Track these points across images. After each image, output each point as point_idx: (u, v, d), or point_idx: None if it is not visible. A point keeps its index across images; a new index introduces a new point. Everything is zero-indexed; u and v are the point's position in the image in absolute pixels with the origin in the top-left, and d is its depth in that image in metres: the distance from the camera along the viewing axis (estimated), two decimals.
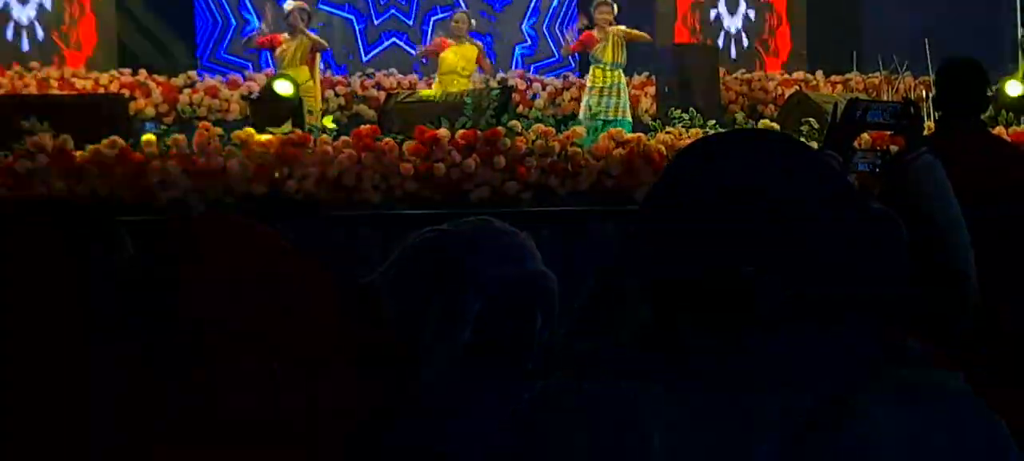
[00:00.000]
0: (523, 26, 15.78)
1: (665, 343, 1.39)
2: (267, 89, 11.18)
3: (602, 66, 12.27)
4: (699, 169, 1.43)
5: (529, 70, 15.43)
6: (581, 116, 12.18)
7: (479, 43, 12.99)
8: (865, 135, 7.39)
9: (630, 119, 12.35)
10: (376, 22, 15.19)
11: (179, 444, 1.55)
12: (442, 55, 12.67)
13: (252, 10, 14.55)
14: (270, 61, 12.94)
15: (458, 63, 12.48)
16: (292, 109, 10.87)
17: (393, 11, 15.18)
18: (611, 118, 12.01)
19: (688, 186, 1.42)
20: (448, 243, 2.14)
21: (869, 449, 1.26)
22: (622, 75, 12.47)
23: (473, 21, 13.25)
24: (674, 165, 1.49)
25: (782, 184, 1.38)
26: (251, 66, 14.26)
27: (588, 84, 12.46)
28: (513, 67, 15.51)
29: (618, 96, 12.26)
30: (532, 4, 15.77)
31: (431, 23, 15.11)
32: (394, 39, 15.04)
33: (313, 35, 12.40)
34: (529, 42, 15.78)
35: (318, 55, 12.52)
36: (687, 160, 1.48)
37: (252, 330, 1.53)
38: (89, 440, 1.51)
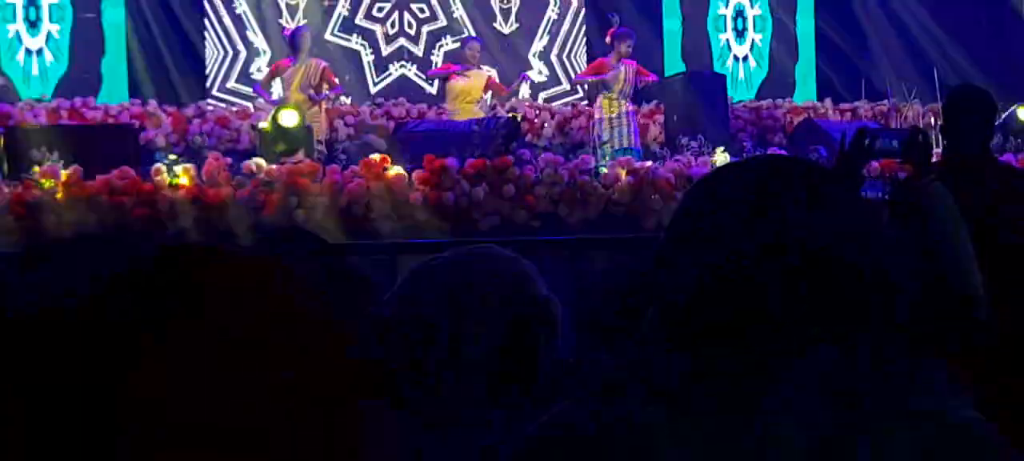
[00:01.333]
0: (530, 55, 15.80)
1: (681, 368, 1.38)
2: (274, 119, 11.21)
3: (611, 97, 12.20)
4: (721, 194, 1.44)
5: (537, 98, 15.44)
6: (594, 146, 12.11)
7: (491, 71, 13.02)
8: (874, 163, 7.41)
9: (639, 147, 12.33)
10: (385, 53, 15.22)
11: None
12: (450, 83, 12.68)
13: (262, 36, 14.61)
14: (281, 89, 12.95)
15: (466, 91, 12.49)
16: (302, 138, 10.88)
17: (402, 40, 15.21)
18: (620, 147, 11.95)
19: (711, 211, 1.43)
20: (451, 271, 2.15)
21: None
22: (627, 102, 12.32)
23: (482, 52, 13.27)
24: (697, 190, 1.50)
25: (804, 209, 1.38)
26: (262, 93, 14.30)
27: (597, 115, 12.38)
28: (520, 95, 15.52)
29: (627, 125, 12.21)
30: (540, 33, 15.79)
31: (439, 51, 15.13)
32: (403, 67, 15.07)
33: (320, 63, 12.40)
34: (543, 74, 15.79)
35: (325, 83, 12.50)
36: (710, 185, 1.49)
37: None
38: None
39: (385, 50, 15.28)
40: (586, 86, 14.62)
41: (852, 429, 1.29)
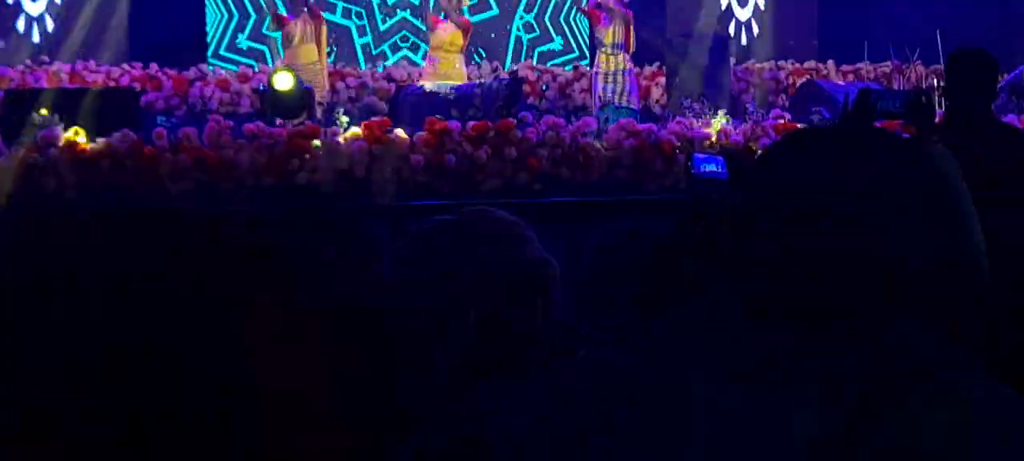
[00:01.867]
0: (519, 14, 15.70)
1: (721, 328, 1.38)
2: (269, 83, 11.19)
3: (605, 50, 12.12)
4: (796, 164, 1.44)
5: (535, 58, 15.41)
6: (596, 104, 12.03)
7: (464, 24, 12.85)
8: (876, 123, 7.38)
9: (637, 106, 12.25)
10: (382, 27, 15.18)
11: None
12: (433, 33, 12.53)
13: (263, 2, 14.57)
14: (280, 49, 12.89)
15: (448, 40, 12.35)
16: (303, 101, 10.86)
17: (401, 13, 15.17)
18: (618, 105, 11.87)
19: (783, 181, 1.42)
20: (449, 233, 2.16)
21: (910, 452, 1.26)
22: (624, 59, 12.20)
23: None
24: (771, 157, 1.49)
25: (880, 180, 1.39)
26: (267, 54, 14.28)
27: (594, 69, 12.32)
28: (511, 53, 15.50)
29: (619, 81, 12.09)
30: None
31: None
32: (405, 37, 15.03)
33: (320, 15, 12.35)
34: (537, 32, 15.74)
35: (325, 35, 12.45)
36: (785, 153, 1.48)
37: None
38: None
39: (383, 24, 15.23)
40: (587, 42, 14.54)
41: (880, 405, 1.29)
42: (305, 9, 12.15)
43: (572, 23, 15.93)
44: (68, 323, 0.88)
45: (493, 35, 15.51)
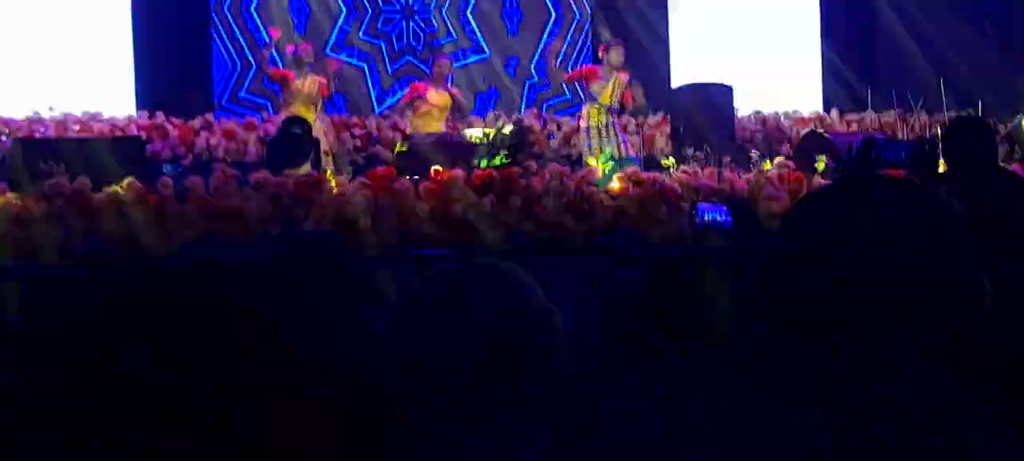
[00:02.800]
0: (533, 65, 15.83)
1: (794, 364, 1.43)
2: (283, 130, 11.24)
3: (598, 106, 12.04)
4: (821, 216, 1.50)
5: (542, 108, 15.48)
6: (589, 158, 11.99)
7: (453, 89, 12.92)
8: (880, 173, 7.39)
9: (635, 156, 12.24)
10: (390, 70, 15.25)
11: None
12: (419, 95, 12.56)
13: (273, 52, 14.63)
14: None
15: (435, 107, 12.41)
16: (309, 150, 10.92)
17: (408, 58, 15.25)
18: (619, 157, 11.85)
19: (813, 232, 1.48)
20: (452, 284, 2.16)
21: None
22: (611, 114, 12.13)
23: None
24: (802, 211, 1.55)
25: (916, 229, 1.44)
26: (269, 108, 14.34)
27: (583, 124, 12.21)
28: (525, 106, 15.56)
29: (615, 135, 12.07)
30: (543, 45, 15.80)
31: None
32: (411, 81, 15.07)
33: (319, 77, 12.42)
34: (538, 80, 15.81)
35: (321, 100, 12.56)
36: (811, 206, 1.54)
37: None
38: None
39: (391, 67, 15.30)
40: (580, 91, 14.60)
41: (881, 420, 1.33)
42: (304, 65, 12.20)
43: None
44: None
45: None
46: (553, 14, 15.92)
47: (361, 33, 15.18)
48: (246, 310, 1.02)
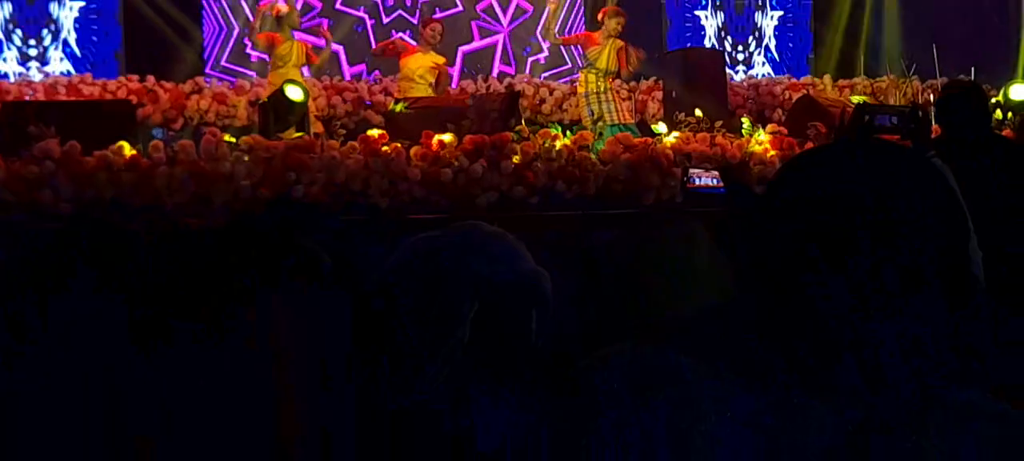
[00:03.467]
0: (535, 36, 15.75)
1: (744, 341, 1.40)
2: (276, 94, 11.19)
3: (595, 71, 11.99)
4: (810, 179, 1.47)
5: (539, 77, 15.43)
6: (585, 122, 11.96)
7: (443, 57, 12.84)
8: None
9: (630, 121, 12.21)
10: (385, 20, 15.19)
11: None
12: (405, 59, 12.49)
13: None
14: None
15: (419, 70, 12.34)
16: (300, 114, 10.88)
17: (400, 13, 15.18)
18: (616, 123, 11.82)
19: (800, 196, 1.45)
20: (441, 248, 2.16)
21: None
22: (609, 80, 12.10)
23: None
24: (785, 174, 1.52)
25: (896, 191, 1.41)
26: (256, 73, 14.28)
27: (581, 90, 12.16)
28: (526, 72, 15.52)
29: (612, 101, 12.03)
30: (543, 15, 15.74)
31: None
32: (403, 38, 14.99)
33: (306, 40, 12.37)
34: (545, 51, 15.75)
35: (323, 57, 12.53)
36: (798, 170, 1.51)
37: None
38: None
39: (385, 19, 15.24)
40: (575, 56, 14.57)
41: (896, 419, 1.31)
42: (288, 27, 12.14)
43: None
44: None
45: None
46: None
47: None
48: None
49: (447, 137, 9.25)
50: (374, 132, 9.88)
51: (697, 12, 16.41)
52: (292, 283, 2.05)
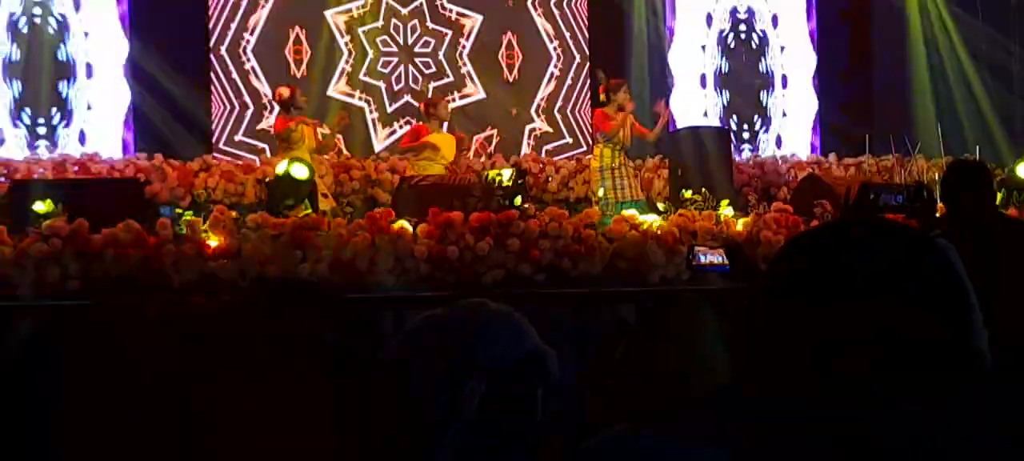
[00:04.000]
0: (534, 109, 15.85)
1: (742, 408, 1.40)
2: (283, 173, 11.24)
3: (612, 146, 12.09)
4: (810, 257, 1.48)
5: (541, 153, 15.49)
6: (600, 197, 12.00)
7: (457, 132, 12.90)
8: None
9: (642, 198, 12.27)
10: (389, 110, 15.25)
11: None
12: (424, 139, 12.50)
13: (268, 92, 14.64)
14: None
15: (440, 147, 12.39)
16: (307, 192, 10.92)
17: (407, 98, 15.25)
18: (625, 199, 11.88)
19: (799, 273, 1.46)
20: (448, 327, 2.17)
21: None
22: (623, 155, 12.20)
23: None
24: (787, 253, 1.52)
25: (897, 268, 1.43)
26: (267, 149, 14.34)
27: (595, 164, 12.25)
28: (525, 149, 15.57)
29: (627, 177, 12.13)
30: (542, 87, 15.83)
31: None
32: (409, 124, 15.06)
33: (311, 124, 12.43)
34: (542, 122, 15.83)
35: (330, 140, 12.61)
36: (799, 248, 1.52)
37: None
38: None
39: (390, 106, 15.32)
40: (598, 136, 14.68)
41: None
42: (293, 112, 12.22)
43: (574, 114, 16.02)
44: None
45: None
46: (553, 57, 15.95)
47: (361, 74, 15.19)
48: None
49: (454, 215, 9.27)
50: (380, 210, 9.90)
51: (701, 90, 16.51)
52: (299, 362, 2.06)
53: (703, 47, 16.44)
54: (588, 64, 15.92)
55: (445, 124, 12.72)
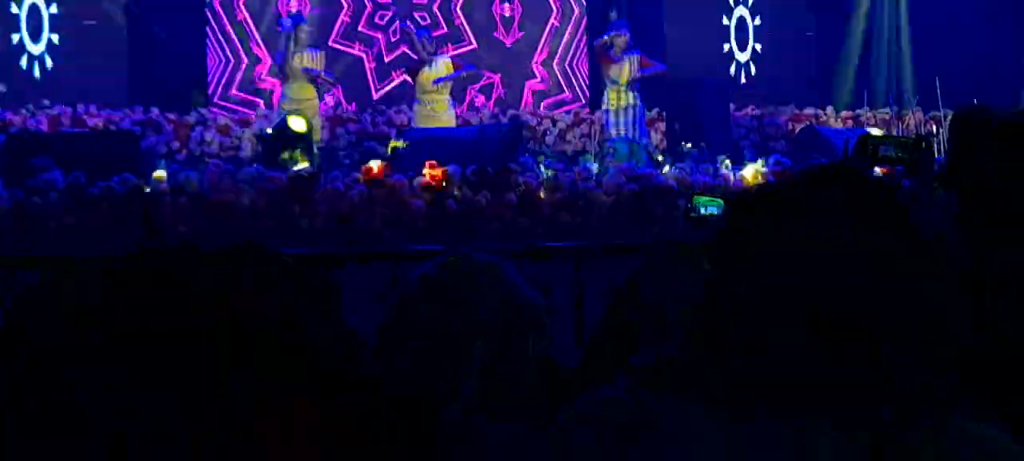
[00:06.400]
0: (533, 63, 15.81)
1: (710, 368, 1.38)
2: (280, 125, 11.22)
3: (619, 88, 12.11)
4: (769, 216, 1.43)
5: (540, 107, 15.46)
6: (611, 132, 11.99)
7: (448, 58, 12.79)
8: (876, 170, 7.39)
9: (647, 139, 12.25)
10: (387, 59, 15.21)
11: None
12: (418, 79, 12.43)
13: (263, 47, 14.58)
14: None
15: (430, 80, 12.30)
16: (304, 146, 10.90)
17: (404, 49, 15.19)
18: (627, 136, 11.86)
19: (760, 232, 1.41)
20: (438, 287, 2.17)
21: None
22: (635, 96, 12.20)
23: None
24: (742, 209, 1.48)
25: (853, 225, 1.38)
26: (262, 103, 14.31)
27: (604, 107, 12.28)
28: (524, 105, 15.53)
29: (634, 117, 12.12)
30: (542, 41, 15.80)
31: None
32: (406, 75, 15.01)
33: (311, 59, 12.37)
34: (539, 79, 15.80)
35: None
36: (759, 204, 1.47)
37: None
38: None
39: (387, 57, 15.28)
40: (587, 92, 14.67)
41: (891, 442, 1.29)
42: (302, 42, 12.17)
43: (573, 68, 15.98)
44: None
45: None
46: (553, 9, 15.90)
47: (359, 27, 15.15)
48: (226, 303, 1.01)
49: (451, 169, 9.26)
50: (376, 164, 9.88)
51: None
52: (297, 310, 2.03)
53: None
54: (586, 18, 15.86)
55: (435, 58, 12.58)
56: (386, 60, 15.26)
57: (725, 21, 16.63)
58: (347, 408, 1.06)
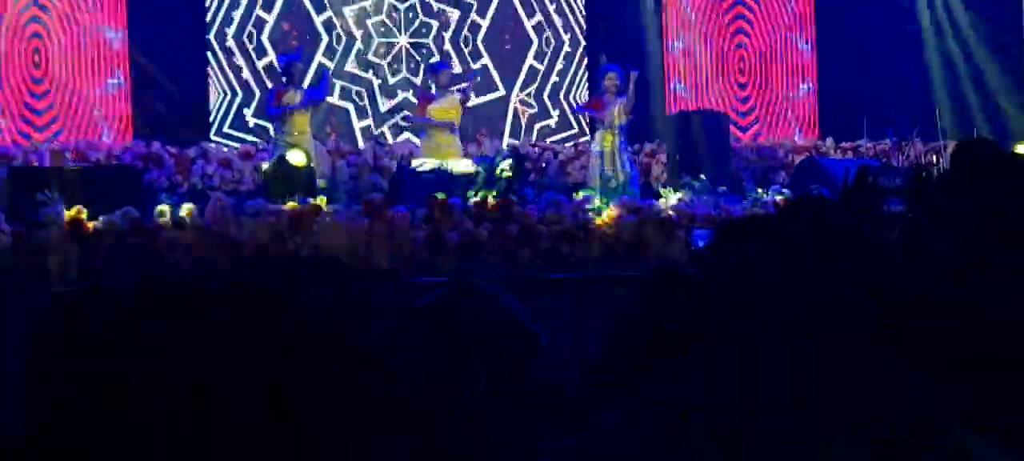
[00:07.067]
0: (531, 95, 15.81)
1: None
2: (280, 159, 11.23)
3: (609, 131, 12.17)
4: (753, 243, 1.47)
5: (532, 133, 15.46)
6: (591, 181, 12.06)
7: (459, 95, 12.85)
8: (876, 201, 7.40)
9: (636, 182, 12.29)
10: (389, 87, 15.24)
11: None
12: (427, 110, 12.47)
13: (266, 77, 14.62)
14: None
15: (443, 117, 12.34)
16: (305, 178, 10.90)
17: (405, 78, 15.23)
18: (622, 179, 11.92)
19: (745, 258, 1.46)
20: (440, 311, 2.19)
21: None
22: (620, 137, 12.24)
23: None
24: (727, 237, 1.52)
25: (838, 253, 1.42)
26: (269, 132, 14.33)
27: (595, 149, 12.32)
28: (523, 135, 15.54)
29: (620, 158, 12.17)
30: (542, 72, 15.80)
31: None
32: (405, 110, 15.04)
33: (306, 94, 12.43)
34: (536, 109, 15.80)
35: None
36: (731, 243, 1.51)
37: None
38: None
39: (391, 79, 15.28)
40: (586, 119, 14.72)
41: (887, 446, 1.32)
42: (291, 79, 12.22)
43: (571, 101, 16.01)
44: None
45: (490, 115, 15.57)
46: (553, 42, 15.93)
47: (369, 54, 15.17)
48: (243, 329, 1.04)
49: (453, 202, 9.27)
50: (378, 196, 9.90)
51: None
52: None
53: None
54: (581, 46, 15.89)
55: (445, 93, 12.64)
56: (381, 110, 15.22)
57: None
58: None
